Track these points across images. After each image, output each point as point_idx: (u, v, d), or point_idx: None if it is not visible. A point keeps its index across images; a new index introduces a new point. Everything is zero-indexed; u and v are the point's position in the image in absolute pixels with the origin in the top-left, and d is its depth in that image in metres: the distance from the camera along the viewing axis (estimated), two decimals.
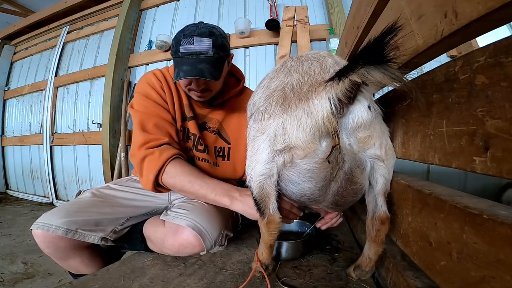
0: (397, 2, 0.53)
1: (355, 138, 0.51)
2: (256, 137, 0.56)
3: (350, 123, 0.49)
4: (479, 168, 0.34)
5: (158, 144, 0.83)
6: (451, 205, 0.38)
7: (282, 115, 0.51)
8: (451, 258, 0.37)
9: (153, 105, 0.89)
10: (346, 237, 0.95)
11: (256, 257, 0.66)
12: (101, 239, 0.85)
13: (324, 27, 2.13)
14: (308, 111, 0.47)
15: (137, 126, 0.85)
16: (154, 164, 0.79)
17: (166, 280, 0.69)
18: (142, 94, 0.91)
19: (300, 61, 0.56)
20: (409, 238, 0.51)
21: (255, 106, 0.59)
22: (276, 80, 0.56)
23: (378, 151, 0.53)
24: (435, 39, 0.40)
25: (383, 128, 0.55)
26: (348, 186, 0.55)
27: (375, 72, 0.38)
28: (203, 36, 0.80)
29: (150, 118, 0.86)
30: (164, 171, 0.80)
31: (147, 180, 0.81)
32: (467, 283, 0.34)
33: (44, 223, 0.78)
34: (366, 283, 0.63)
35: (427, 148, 0.46)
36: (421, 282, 0.48)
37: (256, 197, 0.58)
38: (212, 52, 0.81)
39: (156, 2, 2.92)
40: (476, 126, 0.34)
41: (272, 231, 0.59)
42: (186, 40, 0.80)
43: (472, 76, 0.34)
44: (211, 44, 0.81)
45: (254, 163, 0.56)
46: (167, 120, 0.89)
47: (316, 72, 0.52)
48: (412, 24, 0.47)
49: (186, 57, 0.80)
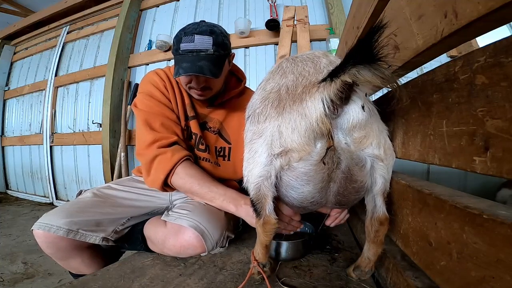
0: (397, 2, 0.53)
1: (351, 138, 0.51)
2: (253, 139, 0.56)
3: (346, 123, 0.49)
4: (479, 168, 0.34)
5: (168, 143, 0.84)
6: (451, 205, 0.38)
7: (278, 117, 0.51)
8: (451, 258, 0.37)
9: (157, 104, 0.89)
10: (346, 237, 0.95)
11: (252, 256, 0.66)
12: (102, 239, 0.85)
13: (324, 27, 2.13)
14: (302, 113, 0.47)
15: (143, 125, 0.86)
16: (165, 164, 0.81)
17: (166, 280, 0.69)
18: (146, 93, 0.91)
19: (295, 62, 0.56)
20: (409, 238, 0.51)
21: (252, 108, 0.59)
22: (271, 82, 0.56)
23: (376, 151, 0.53)
24: (435, 39, 0.40)
25: (381, 128, 0.55)
26: (349, 185, 0.55)
27: (365, 72, 0.38)
28: (203, 34, 0.81)
29: (156, 117, 0.87)
30: (174, 172, 0.82)
31: (156, 178, 0.83)
32: (467, 283, 0.34)
33: (45, 224, 0.78)
34: (366, 283, 0.63)
35: (427, 148, 0.46)
36: (421, 282, 0.48)
37: (253, 198, 0.58)
38: (213, 50, 0.81)
39: (156, 2, 2.91)
40: (476, 126, 0.34)
41: (268, 231, 0.59)
42: (187, 37, 0.81)
43: (472, 76, 0.34)
44: (212, 42, 0.81)
45: (252, 166, 0.56)
46: (172, 119, 0.90)
47: (310, 73, 0.51)
48: (412, 24, 0.47)
49: (187, 54, 0.81)
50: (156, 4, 2.92)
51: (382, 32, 0.36)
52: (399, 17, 0.51)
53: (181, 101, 0.94)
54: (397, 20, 0.52)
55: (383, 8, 0.61)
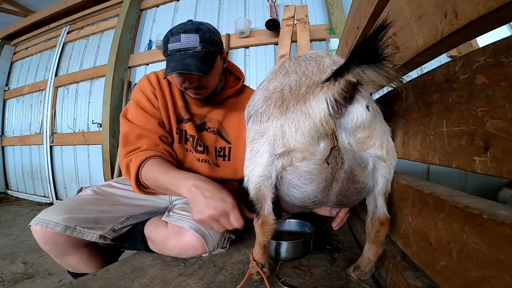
0: (397, 2, 0.52)
1: (354, 138, 0.50)
2: (255, 139, 0.55)
3: (349, 123, 0.48)
4: (479, 168, 0.34)
5: (137, 152, 0.87)
6: (451, 205, 0.38)
7: (281, 117, 0.50)
8: (451, 258, 0.37)
9: (142, 115, 0.92)
10: (346, 237, 0.95)
11: (251, 257, 0.66)
12: (99, 237, 0.85)
13: (324, 27, 2.13)
14: (306, 113, 0.47)
15: (122, 138, 0.90)
16: (132, 168, 0.84)
17: (166, 280, 0.69)
18: (134, 101, 0.94)
19: (298, 62, 0.55)
20: (409, 238, 0.51)
21: (254, 107, 0.59)
22: (274, 82, 0.56)
23: (379, 151, 0.52)
24: (435, 39, 0.40)
25: (384, 128, 0.54)
26: (351, 185, 0.55)
27: (370, 71, 0.38)
28: (189, 32, 0.80)
29: (135, 129, 0.90)
30: (141, 172, 0.84)
31: (132, 185, 0.87)
32: (467, 283, 0.34)
33: (43, 220, 0.78)
34: (366, 283, 0.63)
35: (427, 148, 0.45)
36: (421, 282, 0.48)
37: (252, 198, 0.58)
38: (200, 47, 0.81)
39: (156, 2, 2.92)
40: (476, 126, 0.34)
41: (266, 232, 0.59)
42: (173, 38, 0.81)
43: (472, 76, 0.34)
44: (199, 40, 0.80)
45: (253, 165, 0.55)
46: (151, 130, 0.91)
47: (314, 73, 0.51)
48: (412, 24, 0.47)
49: (174, 54, 0.81)
50: (156, 4, 2.93)
51: (387, 31, 0.36)
52: (399, 17, 0.51)
53: (173, 105, 0.94)
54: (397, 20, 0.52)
55: (383, 8, 0.61)
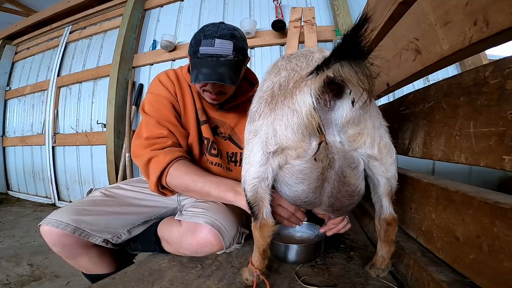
0: (421, 8, 0.55)
1: (345, 135, 0.50)
2: (249, 139, 0.55)
3: (339, 118, 0.47)
4: (508, 166, 0.36)
5: (162, 147, 0.83)
6: (480, 201, 0.40)
7: (271, 114, 0.49)
8: (481, 251, 0.39)
9: (163, 107, 0.88)
10: (359, 236, 0.96)
11: (251, 264, 0.64)
12: (103, 240, 0.85)
13: (330, 28, 2.16)
14: (293, 108, 0.46)
15: (143, 128, 0.85)
16: (157, 167, 0.80)
17: (185, 282, 0.69)
18: (154, 94, 0.90)
19: (289, 59, 0.55)
20: (433, 235, 0.53)
21: (250, 108, 0.58)
22: (268, 81, 0.55)
23: (370, 150, 0.51)
24: (463, 44, 0.42)
25: (377, 124, 0.52)
26: (342, 187, 0.54)
27: (346, 69, 0.37)
28: (224, 38, 0.78)
29: (158, 121, 0.86)
30: (168, 173, 0.80)
31: (151, 181, 0.82)
32: (500, 273, 0.36)
33: (54, 219, 0.78)
34: (385, 279, 0.65)
35: (452, 148, 0.48)
36: (446, 276, 0.50)
37: (249, 200, 0.57)
38: (233, 55, 0.79)
39: (160, 2, 2.92)
40: (506, 127, 0.36)
41: (266, 235, 0.57)
42: (207, 41, 0.78)
43: (503, 81, 0.36)
44: (232, 47, 0.79)
45: (248, 166, 0.54)
46: (174, 124, 0.88)
47: (302, 68, 0.50)
48: (437, 29, 0.49)
49: (206, 59, 0.79)
50: (160, 4, 2.93)
51: (368, 27, 0.34)
52: (422, 22, 0.54)
53: (193, 106, 0.92)
54: (420, 25, 0.54)
55: (403, 12, 0.63)
